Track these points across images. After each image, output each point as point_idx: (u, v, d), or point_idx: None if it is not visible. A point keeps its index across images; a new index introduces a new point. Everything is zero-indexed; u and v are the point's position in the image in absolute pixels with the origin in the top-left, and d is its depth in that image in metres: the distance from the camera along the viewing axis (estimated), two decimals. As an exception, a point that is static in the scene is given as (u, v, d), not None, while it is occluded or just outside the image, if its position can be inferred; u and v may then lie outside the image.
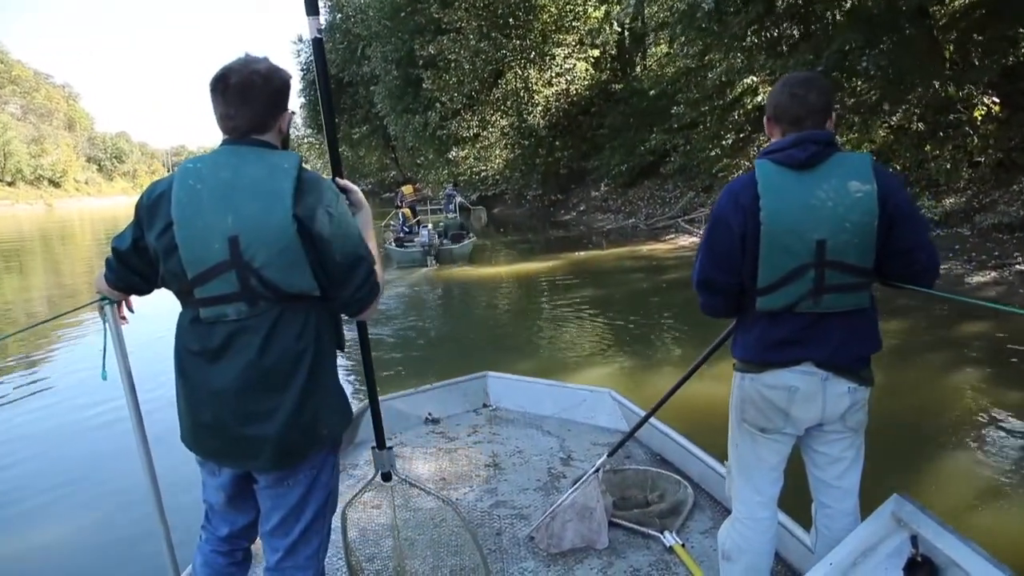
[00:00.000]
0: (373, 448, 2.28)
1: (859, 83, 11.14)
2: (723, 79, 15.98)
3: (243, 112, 1.59)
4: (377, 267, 1.70)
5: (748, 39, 13.64)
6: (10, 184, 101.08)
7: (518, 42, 23.42)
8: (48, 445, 5.34)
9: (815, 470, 1.97)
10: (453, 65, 23.54)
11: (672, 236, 15.72)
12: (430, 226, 14.36)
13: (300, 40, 41.65)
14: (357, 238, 1.65)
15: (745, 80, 14.45)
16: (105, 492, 4.42)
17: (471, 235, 15.41)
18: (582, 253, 14.99)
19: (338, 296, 1.65)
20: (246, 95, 1.58)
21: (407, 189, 18.06)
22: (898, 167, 11.33)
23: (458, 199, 17.71)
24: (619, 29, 25.75)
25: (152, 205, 1.61)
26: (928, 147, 11.04)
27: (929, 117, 10.74)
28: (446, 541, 2.67)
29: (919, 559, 1.71)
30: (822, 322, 1.77)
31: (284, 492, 1.71)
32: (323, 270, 1.60)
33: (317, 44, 1.96)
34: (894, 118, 12.20)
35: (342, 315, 1.77)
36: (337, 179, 1.87)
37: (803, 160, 1.70)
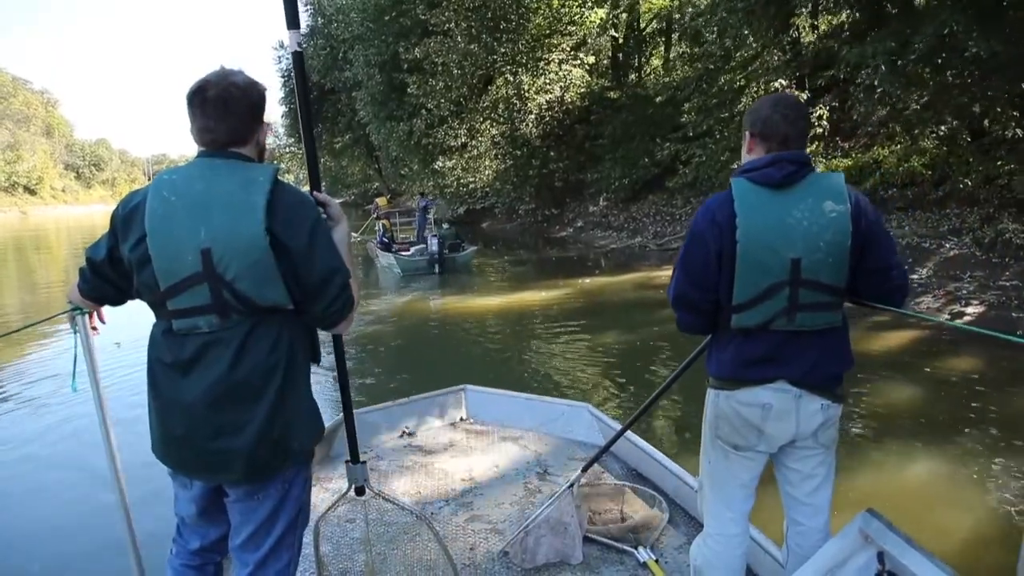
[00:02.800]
0: (347, 462, 2.19)
1: (943, 77, 9.15)
2: (741, 82, 14.23)
3: (222, 125, 1.60)
4: (352, 281, 1.67)
5: (802, 23, 11.83)
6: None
7: (510, 46, 21.73)
8: (13, 455, 5.23)
9: (787, 487, 1.98)
10: (440, 69, 21.97)
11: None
12: (438, 236, 14.36)
13: (281, 46, 39.92)
14: (331, 252, 1.62)
15: (773, 84, 12.70)
16: (72, 504, 4.29)
17: (465, 245, 15.39)
18: (587, 280, 12.86)
19: (311, 310, 1.64)
20: (225, 108, 1.59)
21: (381, 201, 18.65)
22: (968, 182, 9.58)
23: (432, 211, 17.61)
24: (616, 35, 24.36)
25: (127, 216, 1.61)
26: (1001, 161, 9.32)
27: (1014, 123, 8.97)
28: (419, 556, 2.63)
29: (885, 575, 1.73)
30: (796, 340, 1.80)
31: (254, 506, 1.69)
32: (296, 283, 1.58)
33: (298, 58, 1.91)
34: (943, 128, 10.52)
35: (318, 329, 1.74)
36: (315, 192, 1.82)
37: (779, 179, 1.73)
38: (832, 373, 1.83)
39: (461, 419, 4.20)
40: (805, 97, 12.79)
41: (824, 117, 12.89)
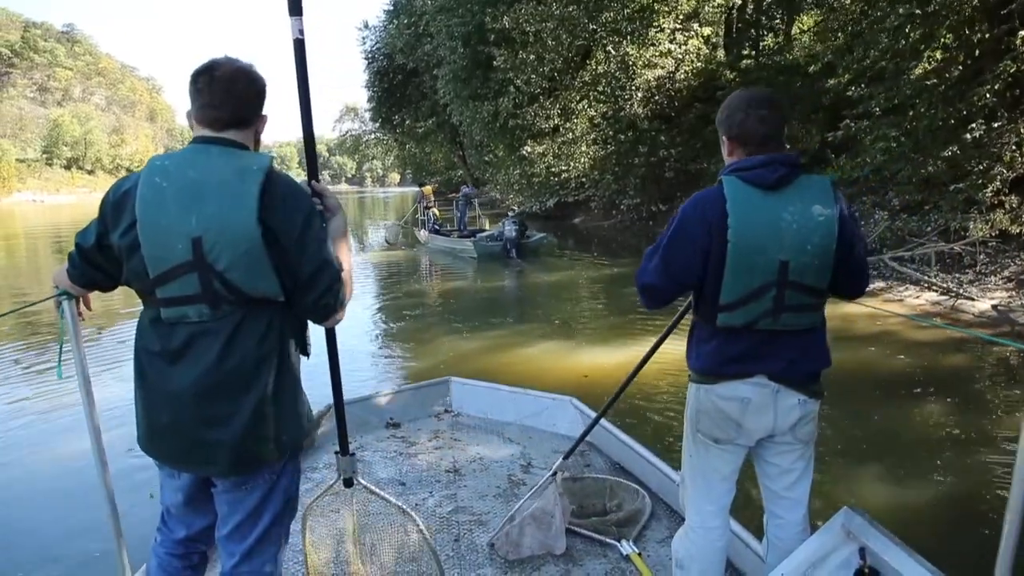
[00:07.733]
0: (336, 453, 2.22)
1: None
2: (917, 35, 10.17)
3: (227, 104, 1.58)
4: (345, 274, 1.64)
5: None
6: (90, 172, 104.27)
7: (613, 14, 18.26)
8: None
9: (766, 481, 2.00)
10: (532, 39, 18.85)
11: (880, 286, 9.58)
12: (516, 223, 15.22)
13: (366, 27, 38.33)
14: (323, 244, 1.61)
15: (977, 33, 8.77)
16: (55, 491, 4.23)
17: (531, 233, 16.18)
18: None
19: (302, 302, 1.62)
20: (231, 88, 1.58)
21: (427, 190, 19.63)
22: None
23: (475, 200, 18.84)
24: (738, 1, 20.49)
25: (118, 202, 1.59)
26: None
27: None
28: (404, 548, 2.62)
29: (866, 571, 1.74)
30: (777, 338, 1.81)
31: (242, 497, 1.68)
32: (288, 275, 1.57)
33: (299, 46, 1.84)
34: None
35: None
36: (312, 182, 1.82)
37: (772, 181, 1.73)
38: (810, 370, 1.85)
39: (446, 411, 4.23)
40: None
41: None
